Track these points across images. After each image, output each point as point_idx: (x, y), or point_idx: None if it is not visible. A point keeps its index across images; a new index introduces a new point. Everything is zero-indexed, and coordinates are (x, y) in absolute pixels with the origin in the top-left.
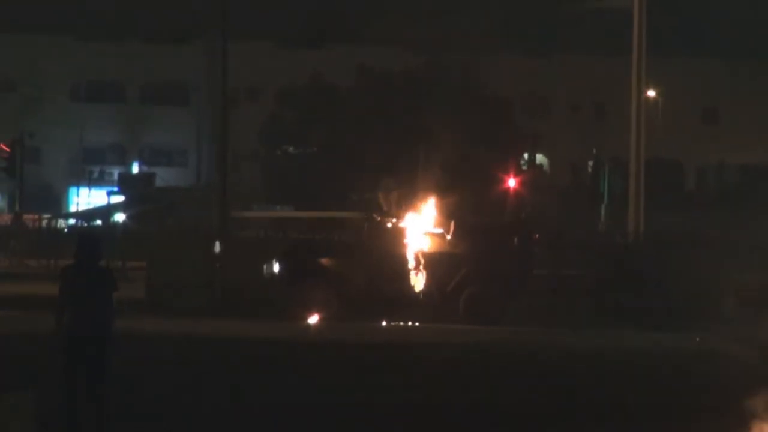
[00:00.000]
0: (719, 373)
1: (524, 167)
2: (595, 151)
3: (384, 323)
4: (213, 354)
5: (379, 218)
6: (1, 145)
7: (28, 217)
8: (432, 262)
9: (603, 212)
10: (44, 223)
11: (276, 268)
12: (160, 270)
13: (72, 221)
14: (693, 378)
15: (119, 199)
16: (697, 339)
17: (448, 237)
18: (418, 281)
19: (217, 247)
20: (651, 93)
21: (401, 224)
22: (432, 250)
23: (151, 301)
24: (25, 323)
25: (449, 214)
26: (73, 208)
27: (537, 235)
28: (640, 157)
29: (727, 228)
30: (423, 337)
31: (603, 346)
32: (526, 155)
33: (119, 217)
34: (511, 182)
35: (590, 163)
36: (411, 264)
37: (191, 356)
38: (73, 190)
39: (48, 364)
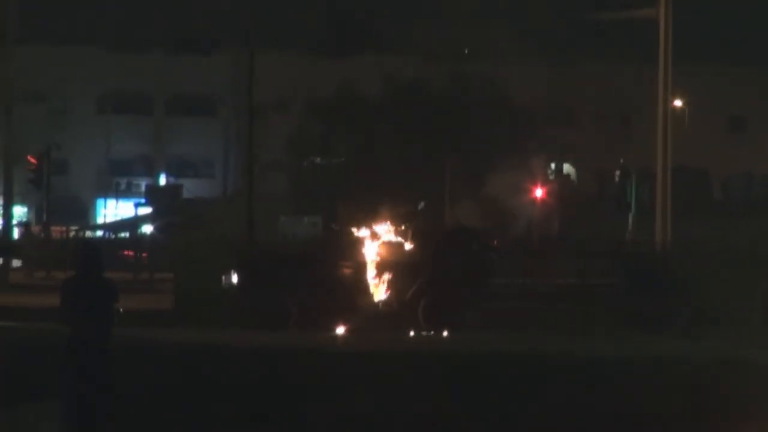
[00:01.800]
0: (751, 382)
1: (551, 177)
2: (622, 161)
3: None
4: (234, 363)
5: (337, 228)
6: (29, 157)
7: (56, 229)
8: (390, 271)
9: (630, 222)
10: (71, 234)
11: (234, 278)
12: (187, 281)
13: (99, 233)
14: (724, 386)
15: (146, 210)
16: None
17: (406, 246)
18: (377, 290)
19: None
20: (678, 102)
21: (360, 233)
22: (390, 259)
23: (179, 312)
24: (54, 334)
25: (408, 222)
26: (100, 220)
27: (496, 242)
28: (667, 166)
29: (754, 237)
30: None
31: (631, 354)
32: (553, 165)
33: (147, 228)
34: (539, 192)
35: (617, 172)
36: (369, 273)
37: (222, 366)
38: (100, 201)
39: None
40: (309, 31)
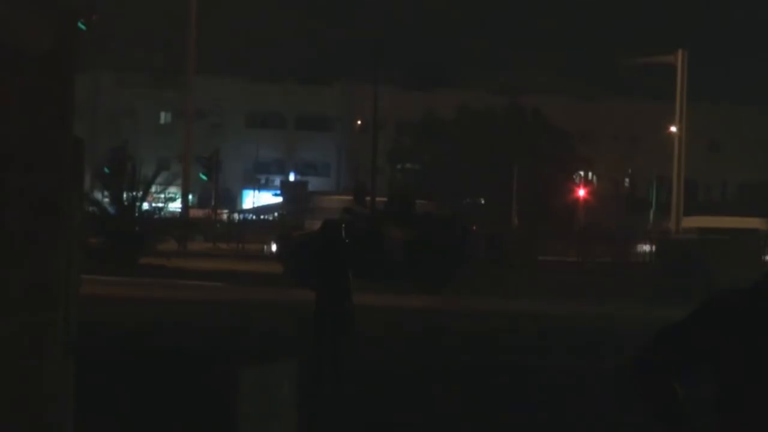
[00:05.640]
0: None
1: (578, 182)
2: (630, 171)
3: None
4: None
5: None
6: (204, 156)
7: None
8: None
9: (651, 217)
10: (224, 216)
11: (273, 248)
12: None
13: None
14: None
15: (279, 199)
16: None
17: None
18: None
19: None
20: (673, 129)
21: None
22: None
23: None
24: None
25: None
26: (246, 206)
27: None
28: (681, 173)
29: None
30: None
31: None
32: (581, 173)
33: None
34: (581, 192)
35: (626, 179)
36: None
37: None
38: (246, 192)
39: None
40: (400, 66)
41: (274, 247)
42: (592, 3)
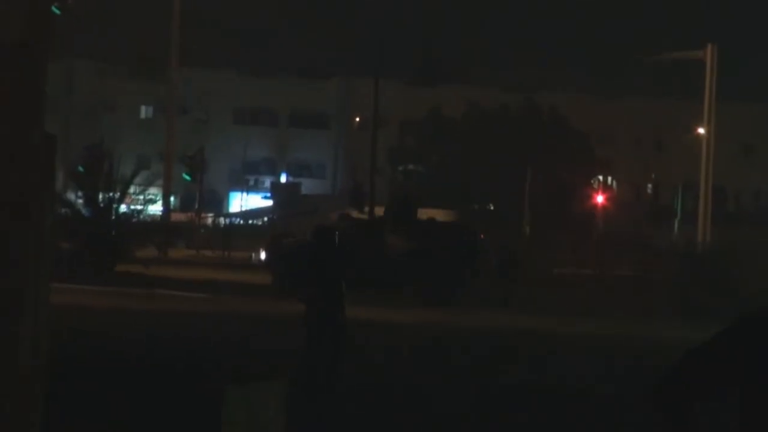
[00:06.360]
0: None
1: (596, 187)
2: (653, 176)
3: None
4: None
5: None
6: (187, 154)
7: (191, 215)
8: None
9: (676, 227)
10: (208, 220)
11: (262, 255)
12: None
13: (233, 220)
14: None
15: (269, 203)
16: None
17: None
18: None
19: None
20: (701, 130)
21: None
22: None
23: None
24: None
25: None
26: (232, 209)
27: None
28: (709, 179)
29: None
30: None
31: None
32: (600, 178)
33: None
34: (600, 198)
35: (649, 185)
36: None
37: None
38: (233, 194)
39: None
40: (404, 63)
41: (263, 256)
42: (593, 3)
